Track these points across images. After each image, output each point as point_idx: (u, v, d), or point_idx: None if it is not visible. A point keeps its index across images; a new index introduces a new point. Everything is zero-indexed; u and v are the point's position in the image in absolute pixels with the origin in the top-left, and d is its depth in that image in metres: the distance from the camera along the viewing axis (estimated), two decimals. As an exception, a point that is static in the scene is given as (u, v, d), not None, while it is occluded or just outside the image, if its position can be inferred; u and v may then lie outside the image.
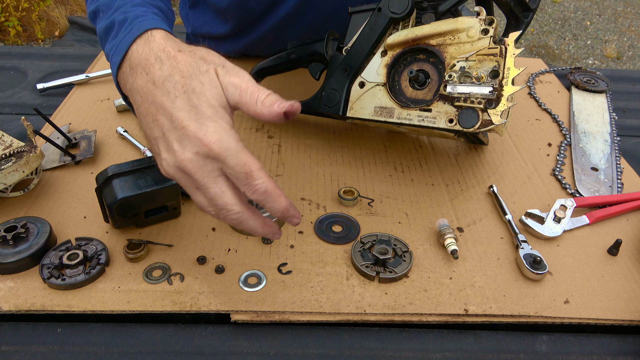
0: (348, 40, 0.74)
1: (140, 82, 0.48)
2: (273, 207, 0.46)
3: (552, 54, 3.69)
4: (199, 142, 0.44)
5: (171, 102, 0.45)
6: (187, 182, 0.47)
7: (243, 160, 0.44)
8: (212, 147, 0.44)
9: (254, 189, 0.45)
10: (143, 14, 0.53)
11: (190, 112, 0.45)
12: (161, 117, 0.46)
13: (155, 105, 0.46)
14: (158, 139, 0.47)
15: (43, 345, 0.52)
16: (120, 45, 0.50)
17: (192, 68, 0.47)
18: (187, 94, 0.45)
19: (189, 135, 0.44)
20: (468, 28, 0.64)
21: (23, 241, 0.60)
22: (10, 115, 0.92)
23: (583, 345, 0.55)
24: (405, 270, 0.60)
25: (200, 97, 0.45)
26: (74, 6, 3.83)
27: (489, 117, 0.62)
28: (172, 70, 0.47)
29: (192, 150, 0.44)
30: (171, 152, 0.46)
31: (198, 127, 0.44)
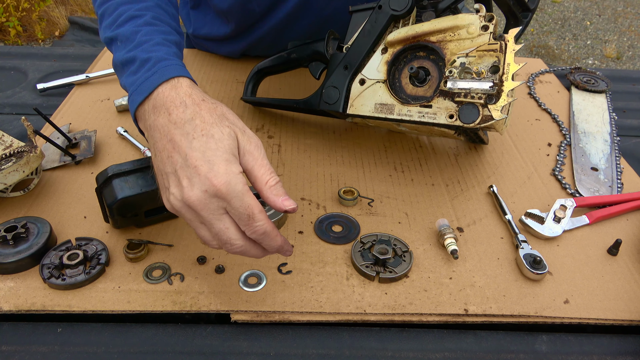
0: (348, 39, 0.74)
1: (161, 121, 0.50)
2: (269, 245, 0.49)
3: (552, 54, 3.69)
4: (209, 182, 0.46)
5: (188, 142, 0.48)
6: (192, 217, 0.49)
7: (247, 203, 0.47)
8: (220, 188, 0.46)
9: (254, 229, 0.48)
10: (167, 56, 0.55)
11: (204, 154, 0.47)
12: (176, 155, 0.48)
13: (172, 143, 0.49)
14: (169, 175, 0.49)
15: (43, 345, 0.52)
16: (145, 84, 0.52)
17: (213, 118, 0.50)
18: (205, 137, 0.48)
19: (200, 174, 0.47)
20: (468, 25, 0.64)
21: (23, 241, 0.60)
22: (10, 115, 0.92)
23: (583, 345, 0.55)
24: (405, 270, 0.60)
25: (218, 143, 0.48)
26: (74, 6, 3.83)
27: (490, 112, 0.62)
28: (194, 115, 0.49)
29: (201, 188, 0.47)
30: (180, 188, 0.48)
31: (209, 168, 0.46)
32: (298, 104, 0.81)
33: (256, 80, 0.91)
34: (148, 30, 0.58)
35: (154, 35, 0.58)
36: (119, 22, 0.60)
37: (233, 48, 1.06)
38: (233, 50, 1.07)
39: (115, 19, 0.61)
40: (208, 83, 1.02)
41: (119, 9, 0.61)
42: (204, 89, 1.00)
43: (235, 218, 0.48)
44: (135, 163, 0.62)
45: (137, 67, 0.55)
